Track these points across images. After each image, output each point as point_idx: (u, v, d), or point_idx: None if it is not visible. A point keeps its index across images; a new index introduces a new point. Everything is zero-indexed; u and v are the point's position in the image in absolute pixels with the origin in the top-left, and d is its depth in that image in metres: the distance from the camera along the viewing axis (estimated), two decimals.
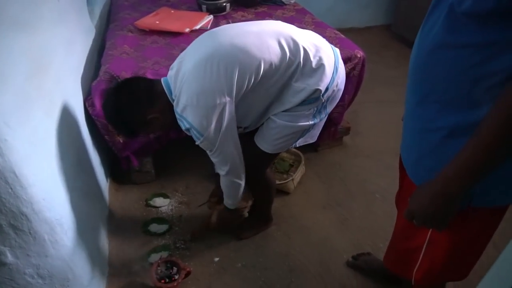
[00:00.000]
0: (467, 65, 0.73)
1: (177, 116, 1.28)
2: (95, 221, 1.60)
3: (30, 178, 0.96)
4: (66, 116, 1.39)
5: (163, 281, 1.47)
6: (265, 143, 1.41)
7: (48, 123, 1.20)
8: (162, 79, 1.32)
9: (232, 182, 1.43)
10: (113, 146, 1.84)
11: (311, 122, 1.37)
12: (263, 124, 1.42)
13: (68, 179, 1.27)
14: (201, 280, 1.57)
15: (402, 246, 1.11)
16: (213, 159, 1.38)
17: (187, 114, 1.23)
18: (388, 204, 1.97)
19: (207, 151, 1.35)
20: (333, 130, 2.22)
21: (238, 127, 1.40)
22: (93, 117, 1.72)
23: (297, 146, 1.51)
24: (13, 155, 0.89)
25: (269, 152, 1.42)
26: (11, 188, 0.90)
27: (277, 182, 1.92)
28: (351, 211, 1.95)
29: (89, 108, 1.71)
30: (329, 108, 1.43)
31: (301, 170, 2.09)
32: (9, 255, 0.97)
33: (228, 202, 1.56)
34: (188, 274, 1.51)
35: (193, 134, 1.27)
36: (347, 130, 2.35)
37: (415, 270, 1.06)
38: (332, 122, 2.15)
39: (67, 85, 1.50)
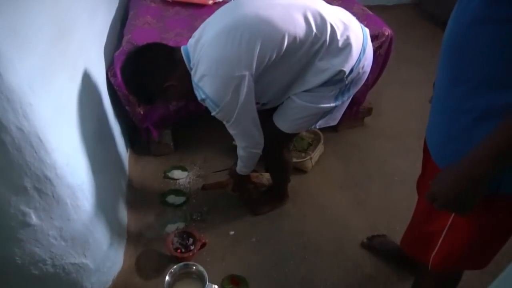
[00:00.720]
0: (508, 42, 0.68)
1: (194, 85, 1.26)
2: (115, 190, 1.63)
3: (54, 143, 0.98)
4: (89, 84, 1.40)
5: (179, 251, 1.51)
6: (284, 122, 1.39)
7: (71, 89, 1.21)
8: (182, 47, 1.29)
9: (249, 152, 1.42)
10: (133, 117, 1.86)
11: (332, 104, 1.33)
12: (282, 103, 1.40)
13: (90, 146, 1.29)
14: (216, 252, 1.60)
15: (421, 229, 1.09)
16: (230, 131, 1.36)
17: (204, 84, 1.21)
18: (406, 187, 1.94)
19: (224, 123, 1.33)
20: (355, 110, 2.18)
21: (256, 103, 1.36)
22: (115, 87, 1.73)
23: (317, 127, 1.48)
24: (38, 120, 0.90)
25: (287, 132, 1.40)
26: (36, 152, 0.92)
27: (295, 160, 1.91)
28: (368, 192, 1.92)
29: (111, 78, 1.72)
30: (353, 91, 1.38)
31: (319, 149, 2.07)
32: (33, 216, 1.00)
33: (243, 170, 1.55)
34: (203, 245, 1.54)
35: (209, 104, 1.25)
36: (369, 111, 2.30)
37: (433, 254, 1.04)
38: (354, 101, 2.09)
39: (90, 53, 1.50)
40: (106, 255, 1.37)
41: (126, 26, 1.93)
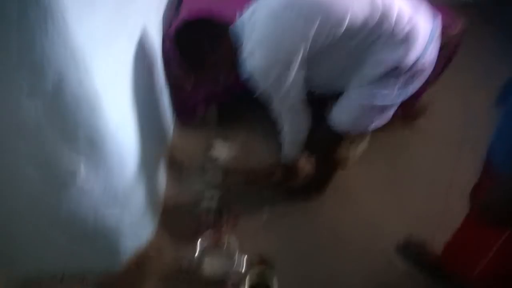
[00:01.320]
0: None
1: (240, 62, 1.23)
2: (157, 156, 1.67)
3: (109, 101, 1.00)
4: (145, 50, 1.42)
5: (211, 225, 1.53)
6: (340, 117, 1.33)
7: (129, 53, 1.23)
8: (234, 24, 1.26)
9: (291, 138, 1.39)
10: (181, 92, 1.88)
11: (391, 100, 1.25)
12: (338, 97, 1.33)
13: (140, 109, 1.32)
14: (247, 230, 1.60)
15: (468, 243, 1.02)
16: (274, 113, 1.33)
17: (251, 62, 1.17)
18: (454, 197, 1.83)
19: (267, 104, 1.30)
20: (409, 109, 2.06)
21: (309, 87, 1.32)
22: (168, 56, 1.75)
23: (370, 130, 1.41)
24: (97, 77, 0.93)
25: (344, 128, 1.35)
26: (92, 108, 0.95)
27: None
28: (411, 197, 1.84)
29: (165, 46, 1.74)
30: (413, 87, 1.29)
31: (363, 145, 1.99)
32: (82, 169, 1.05)
33: (287, 156, 1.53)
34: (235, 222, 1.55)
35: (254, 83, 1.22)
36: (423, 111, 2.17)
37: (476, 271, 0.98)
38: (409, 100, 1.98)
39: (150, 18, 1.52)
40: (142, 219, 1.41)
41: None
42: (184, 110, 2.07)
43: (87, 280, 1.40)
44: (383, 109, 1.29)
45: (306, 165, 1.79)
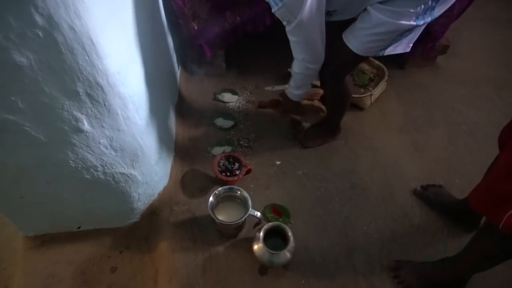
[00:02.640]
0: None
1: None
2: (165, 106, 1.61)
3: (106, 48, 0.92)
4: None
5: (224, 174, 1.50)
6: (355, 39, 1.22)
7: None
8: None
9: (305, 68, 1.30)
10: (187, 32, 1.76)
11: (413, 23, 1.13)
12: (355, 18, 1.22)
13: (142, 58, 1.23)
14: (260, 180, 1.58)
15: (499, 186, 0.96)
16: (291, 37, 1.21)
17: None
18: (474, 139, 1.76)
19: (285, 24, 1.16)
20: (430, 46, 1.93)
21: (327, 11, 1.20)
22: None
23: (386, 54, 1.30)
24: (90, 20, 0.84)
25: (357, 51, 1.23)
26: (88, 56, 0.87)
27: (354, 95, 1.76)
28: (429, 139, 1.77)
29: None
30: (438, 11, 1.16)
31: (381, 86, 1.89)
32: (85, 122, 0.99)
33: (294, 92, 1.46)
34: (248, 171, 1.52)
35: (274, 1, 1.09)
36: (444, 49, 2.03)
37: (507, 215, 0.93)
38: (430, 36, 1.85)
39: None
40: (153, 169, 1.39)
41: None
42: (190, 56, 1.96)
43: (103, 233, 1.42)
44: (403, 33, 1.17)
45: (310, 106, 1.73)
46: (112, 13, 0.98)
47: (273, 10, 1.11)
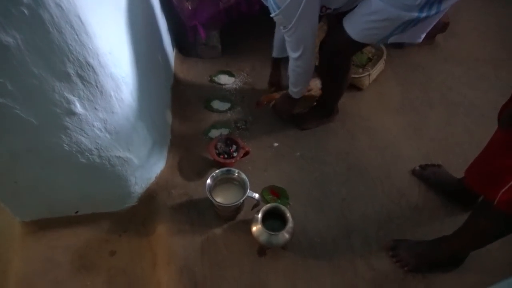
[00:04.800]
0: None
1: None
2: (159, 89, 1.58)
3: (96, 27, 0.89)
4: None
5: (222, 156, 1.49)
6: (354, 26, 1.20)
7: None
8: None
9: (302, 67, 1.32)
10: (181, 13, 1.72)
11: (414, 14, 1.08)
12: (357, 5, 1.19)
13: (134, 39, 1.20)
14: (258, 162, 1.57)
15: (494, 162, 0.96)
16: (287, 38, 1.26)
17: None
18: (472, 119, 1.75)
19: (281, 28, 1.22)
20: None
21: (327, 8, 1.22)
22: None
23: (389, 42, 1.26)
24: None
25: (354, 38, 1.21)
26: (77, 35, 0.85)
27: (352, 75, 1.74)
28: (426, 120, 1.75)
29: None
30: (446, 4, 1.12)
31: (380, 66, 1.86)
32: (78, 105, 0.97)
33: (293, 90, 1.46)
34: (246, 154, 1.51)
35: (270, 4, 1.15)
36: (443, 27, 2.00)
37: (502, 191, 0.93)
38: None
39: None
40: (149, 153, 1.37)
41: None
42: (184, 38, 1.92)
43: (101, 217, 1.41)
44: (404, 24, 1.14)
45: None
46: None
47: (271, 15, 1.18)
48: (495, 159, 0.97)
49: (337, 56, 1.33)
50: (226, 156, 1.49)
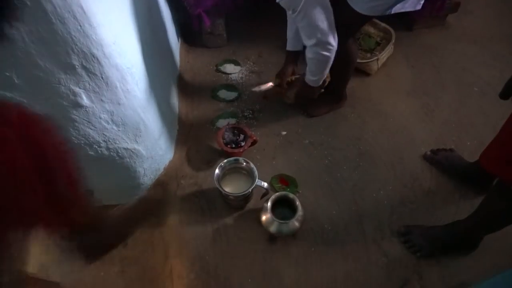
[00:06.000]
0: None
1: None
2: (166, 79, 1.57)
3: (99, 17, 0.88)
4: None
5: (229, 146, 1.48)
6: (359, 1, 1.16)
7: None
8: None
9: (318, 54, 1.27)
10: (185, 1, 1.70)
11: None
12: None
13: (139, 29, 1.19)
14: (266, 151, 1.55)
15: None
16: (299, 25, 1.21)
17: None
18: (487, 100, 1.70)
19: (291, 13, 1.18)
20: (439, 4, 1.84)
21: None
22: None
23: (393, 12, 1.22)
24: None
25: (361, 11, 1.18)
26: (80, 25, 0.84)
27: (360, 60, 1.71)
28: (439, 102, 1.71)
29: None
30: None
31: (388, 50, 1.82)
32: (84, 97, 0.97)
33: (311, 78, 1.42)
34: (254, 143, 1.50)
35: None
36: (455, 6, 1.94)
37: None
38: None
39: None
40: (157, 144, 1.37)
41: None
42: (189, 27, 1.90)
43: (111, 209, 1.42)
44: None
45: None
46: None
47: (277, 0, 1.14)
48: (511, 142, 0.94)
49: (342, 34, 1.29)
50: (233, 145, 1.48)
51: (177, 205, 1.40)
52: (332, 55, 1.27)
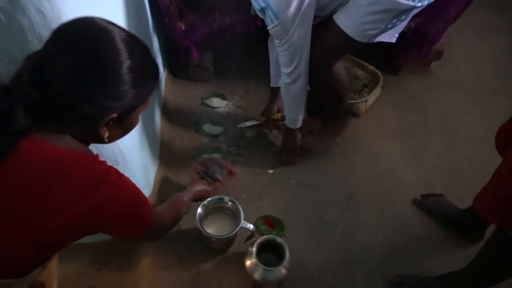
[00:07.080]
0: None
1: None
2: (149, 110, 1.49)
3: None
4: None
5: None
6: (349, 20, 1.15)
7: None
8: None
9: (294, 85, 1.28)
10: (173, 33, 1.66)
11: (411, 3, 1.08)
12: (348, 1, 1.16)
13: None
14: (251, 189, 1.47)
15: (508, 190, 0.88)
16: (281, 52, 1.22)
17: None
18: (472, 146, 1.70)
19: (277, 41, 1.19)
20: (426, 51, 1.88)
21: (317, 16, 1.20)
22: None
23: (376, 40, 1.22)
24: (62, 3, 0.73)
25: (351, 34, 1.16)
26: None
27: (348, 101, 1.69)
28: (426, 147, 1.70)
29: None
30: None
31: (376, 92, 1.82)
32: None
33: (293, 118, 1.40)
34: (232, 175, 1.38)
35: (268, 16, 1.12)
36: (438, 54, 1.99)
37: None
38: (427, 40, 1.80)
39: None
40: (135, 178, 1.26)
41: None
42: (176, 59, 1.85)
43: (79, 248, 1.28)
44: (400, 14, 1.12)
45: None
46: (88, 1, 0.87)
47: (268, 28, 1.16)
48: (507, 185, 0.90)
49: (326, 60, 1.28)
50: (209, 180, 1.36)
51: (152, 245, 1.28)
52: (305, 88, 1.31)
